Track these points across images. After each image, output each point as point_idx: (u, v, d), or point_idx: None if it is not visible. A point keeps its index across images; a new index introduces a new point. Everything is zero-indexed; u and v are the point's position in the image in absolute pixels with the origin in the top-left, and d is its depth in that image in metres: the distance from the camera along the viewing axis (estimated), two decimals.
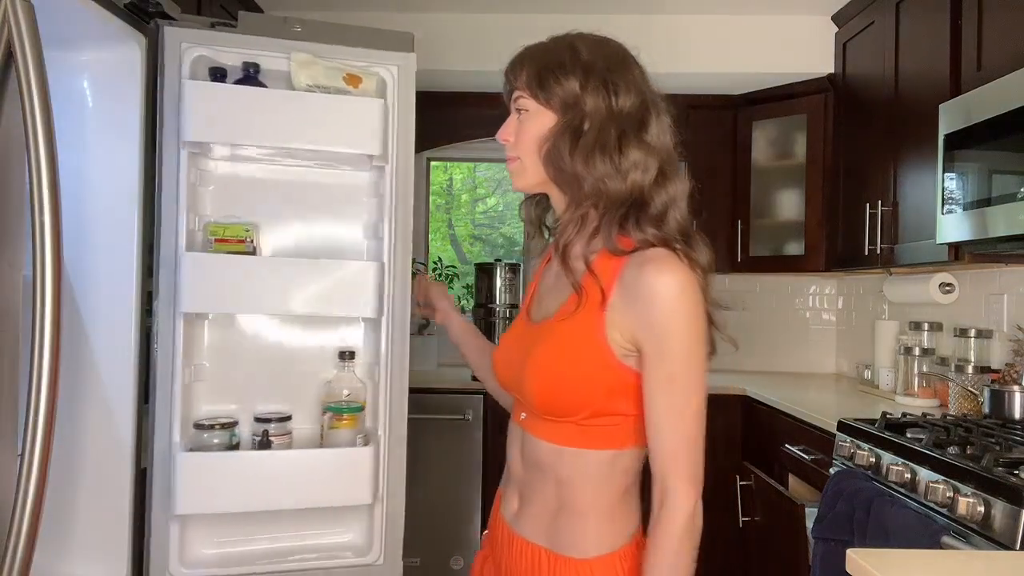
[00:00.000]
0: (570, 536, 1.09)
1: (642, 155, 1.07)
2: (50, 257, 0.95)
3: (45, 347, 0.95)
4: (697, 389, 1.07)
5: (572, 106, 1.08)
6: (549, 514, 1.11)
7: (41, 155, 0.94)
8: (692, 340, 1.04)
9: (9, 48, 0.93)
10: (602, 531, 1.10)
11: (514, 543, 1.15)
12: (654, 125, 1.11)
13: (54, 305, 0.95)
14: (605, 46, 1.17)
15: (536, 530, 1.12)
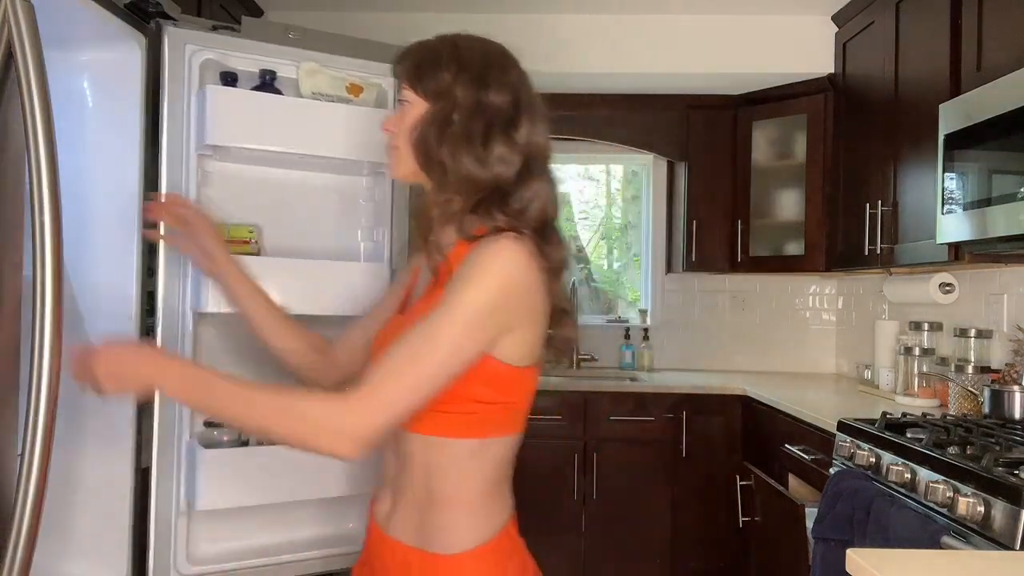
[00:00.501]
0: (439, 532, 1.09)
1: (507, 150, 1.10)
2: (50, 257, 0.95)
3: (45, 347, 0.95)
4: (448, 345, 1.01)
5: (444, 97, 1.11)
6: (418, 510, 1.11)
7: (41, 155, 0.94)
8: (476, 302, 1.02)
9: (9, 48, 0.93)
10: (470, 524, 1.10)
11: (385, 545, 1.15)
12: (524, 125, 1.13)
13: (54, 305, 0.95)
14: (487, 45, 1.19)
15: (406, 529, 1.12)
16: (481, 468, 1.11)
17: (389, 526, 1.15)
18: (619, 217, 4.36)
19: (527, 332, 1.07)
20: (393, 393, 1.00)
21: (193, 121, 1.69)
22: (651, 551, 3.22)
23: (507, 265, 1.03)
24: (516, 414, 1.13)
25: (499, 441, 1.12)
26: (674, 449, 3.22)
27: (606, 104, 3.65)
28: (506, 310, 1.04)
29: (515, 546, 1.15)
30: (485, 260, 1.03)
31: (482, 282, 1.02)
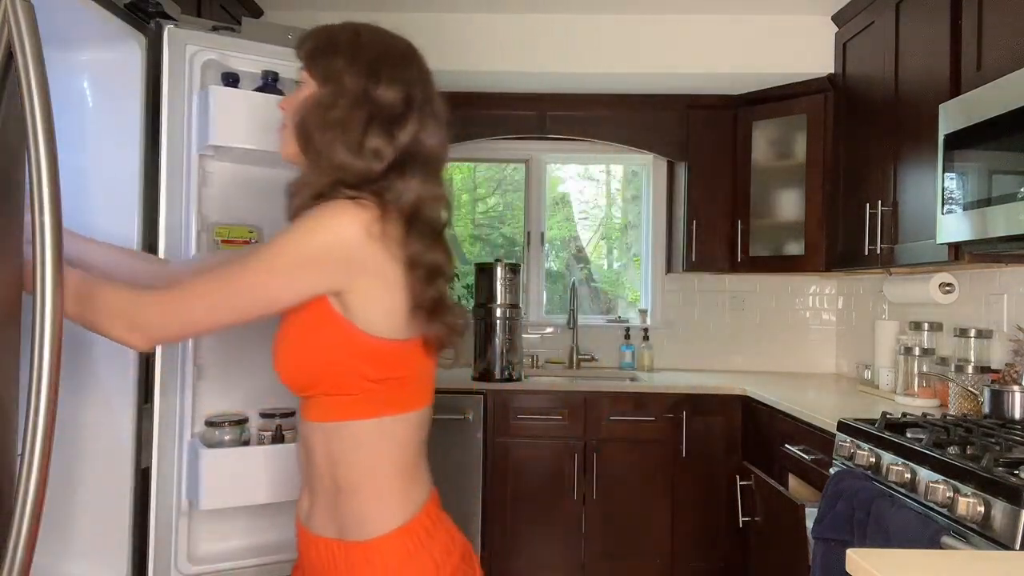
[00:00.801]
0: (352, 519, 1.10)
1: (383, 144, 1.10)
2: (50, 257, 0.95)
3: (45, 347, 0.95)
4: (254, 281, 1.05)
5: (332, 81, 1.12)
6: (330, 501, 1.12)
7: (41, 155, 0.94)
8: (291, 248, 1.05)
9: (9, 48, 0.93)
10: (382, 508, 1.10)
11: (310, 542, 1.15)
12: (411, 124, 1.12)
13: (54, 305, 0.94)
14: (390, 40, 1.17)
15: (324, 522, 1.13)
16: (384, 449, 1.10)
17: (310, 523, 1.15)
18: (619, 217, 4.37)
19: (380, 300, 1.07)
20: (192, 306, 1.05)
21: (194, 121, 1.69)
22: (651, 551, 3.23)
23: (333, 223, 1.04)
24: (410, 390, 1.13)
25: (398, 419, 1.11)
26: (674, 449, 3.22)
27: (606, 104, 3.65)
28: (327, 265, 1.04)
29: (437, 526, 1.14)
30: (313, 215, 1.05)
31: (303, 231, 1.05)
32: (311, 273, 1.05)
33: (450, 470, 3.21)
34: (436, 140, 1.15)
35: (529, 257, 4.07)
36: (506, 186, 4.33)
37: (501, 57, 3.30)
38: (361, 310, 1.06)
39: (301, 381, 1.11)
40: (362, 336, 1.06)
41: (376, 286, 1.07)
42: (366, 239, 1.05)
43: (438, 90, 1.18)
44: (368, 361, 1.07)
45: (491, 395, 3.25)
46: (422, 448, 1.17)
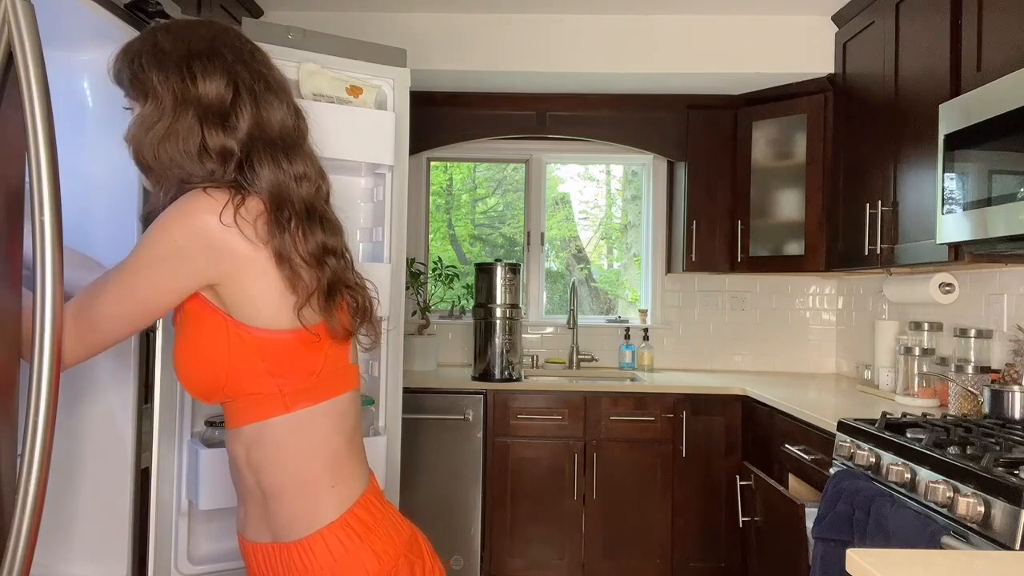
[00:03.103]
0: (286, 521, 1.07)
1: (225, 139, 1.07)
2: (50, 257, 0.95)
3: (45, 347, 0.95)
4: (124, 288, 1.02)
5: (150, 97, 1.08)
6: (260, 506, 1.09)
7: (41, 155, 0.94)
8: (152, 247, 1.02)
9: (9, 48, 0.93)
10: (310, 505, 1.07)
11: (248, 551, 1.13)
12: (246, 108, 1.08)
13: (54, 305, 0.94)
14: (191, 32, 1.11)
15: (258, 528, 1.11)
16: (304, 445, 1.07)
17: (246, 531, 1.14)
18: (619, 217, 4.37)
19: (253, 288, 1.04)
20: (77, 327, 1.01)
21: None
22: (651, 551, 3.23)
23: (186, 214, 1.01)
24: (318, 380, 1.08)
25: (314, 411, 1.08)
26: (674, 449, 3.22)
27: (606, 104, 3.65)
28: (188, 257, 1.01)
29: (376, 517, 1.11)
30: (171, 209, 1.02)
31: (159, 228, 1.01)
32: (174, 267, 1.01)
33: (450, 470, 3.22)
34: (280, 114, 1.11)
35: (529, 257, 4.06)
36: (506, 186, 4.33)
37: (501, 57, 3.30)
38: (237, 302, 1.03)
39: (201, 388, 1.07)
40: (247, 330, 1.03)
41: (246, 274, 1.03)
42: (221, 226, 1.01)
43: (264, 60, 1.14)
44: (260, 355, 1.04)
45: (491, 395, 3.25)
46: (353, 437, 1.13)
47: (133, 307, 1.02)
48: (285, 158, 1.10)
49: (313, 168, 1.14)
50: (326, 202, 1.15)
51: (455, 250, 4.26)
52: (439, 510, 3.19)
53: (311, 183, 1.12)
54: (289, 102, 1.14)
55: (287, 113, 1.13)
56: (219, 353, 1.04)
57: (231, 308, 1.04)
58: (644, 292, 4.10)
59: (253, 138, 1.08)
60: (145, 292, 1.02)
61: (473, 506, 3.22)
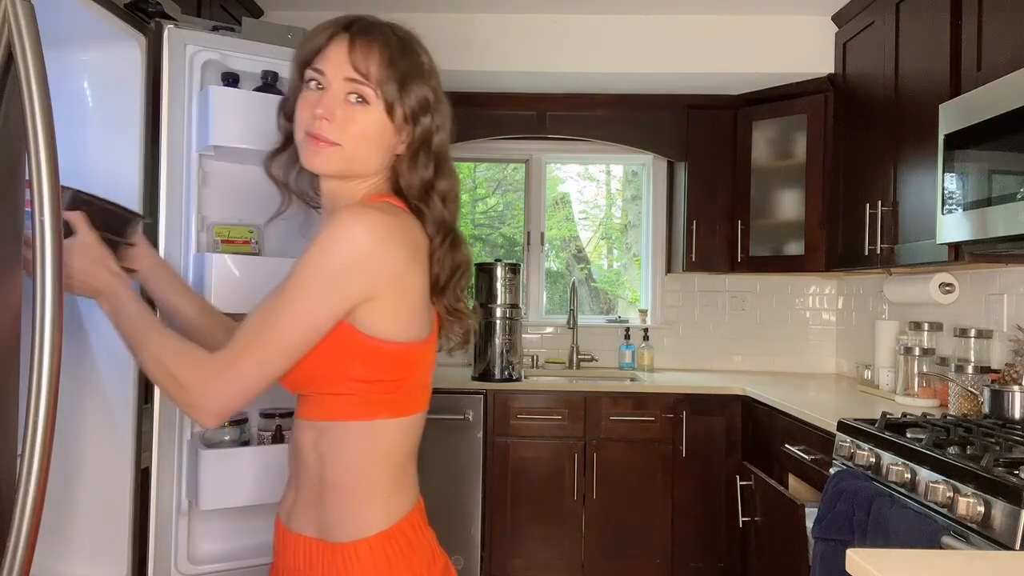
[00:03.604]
0: (335, 519, 1.07)
1: (429, 156, 1.13)
2: (50, 257, 0.95)
3: (45, 347, 0.95)
4: (295, 314, 1.00)
5: (422, 114, 1.10)
6: (315, 499, 1.09)
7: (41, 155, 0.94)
8: (323, 268, 1.00)
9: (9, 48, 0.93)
10: (366, 511, 1.07)
11: (288, 541, 1.13)
12: (439, 125, 1.15)
13: (54, 305, 0.94)
14: (422, 46, 1.18)
15: (305, 520, 1.10)
16: (373, 451, 1.08)
17: (291, 521, 1.13)
18: (619, 217, 4.37)
19: (394, 305, 1.04)
20: (244, 368, 1.00)
21: (195, 121, 1.70)
22: (651, 551, 3.23)
23: (361, 232, 1.00)
24: (406, 394, 1.09)
25: (391, 423, 1.08)
26: (674, 449, 3.22)
27: (606, 104, 3.65)
28: (358, 277, 1.00)
29: (419, 537, 1.11)
30: (338, 225, 1.00)
31: (331, 247, 1.00)
32: (343, 288, 1.00)
33: (450, 470, 3.22)
34: (447, 131, 1.17)
35: (529, 257, 4.07)
36: (506, 186, 4.33)
37: (501, 57, 3.30)
38: (365, 313, 1.03)
39: (294, 378, 1.07)
40: (359, 336, 1.03)
41: (392, 291, 1.04)
42: (391, 245, 1.02)
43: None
44: (361, 361, 1.04)
45: (491, 395, 3.25)
46: (412, 455, 1.14)
47: (309, 335, 1.01)
48: (451, 172, 1.17)
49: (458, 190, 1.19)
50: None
51: None
52: (439, 510, 3.19)
53: (456, 204, 1.17)
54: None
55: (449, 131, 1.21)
56: (321, 351, 1.04)
57: (352, 315, 1.03)
58: (644, 292, 4.10)
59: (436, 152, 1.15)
60: (319, 318, 1.01)
61: (473, 506, 3.22)
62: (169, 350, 1.04)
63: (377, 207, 1.05)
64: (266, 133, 1.71)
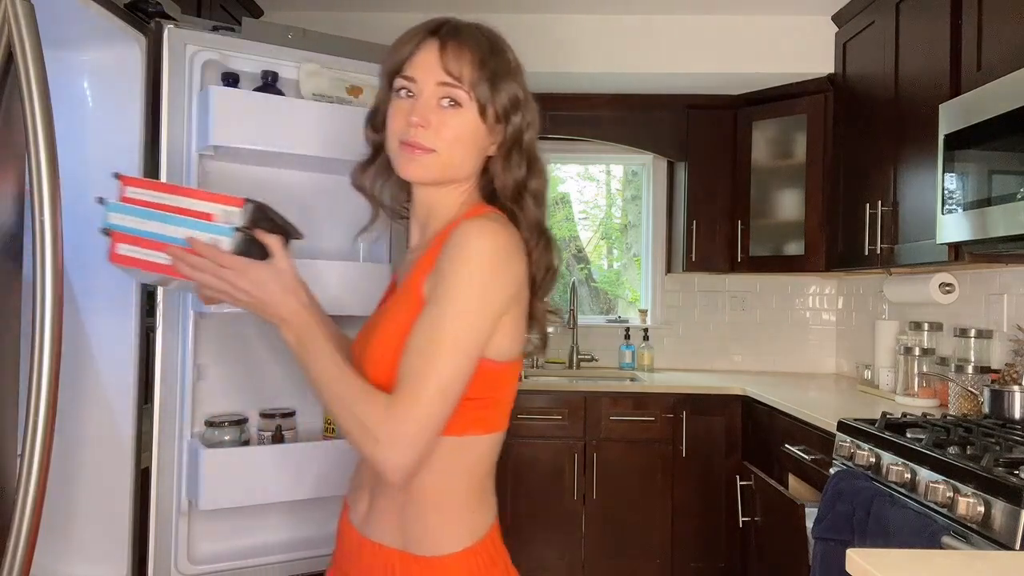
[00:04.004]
0: (421, 531, 1.05)
1: (522, 155, 1.11)
2: (50, 257, 0.95)
3: (45, 347, 0.95)
4: (458, 344, 0.98)
5: (513, 113, 1.08)
6: (400, 511, 1.06)
7: (41, 155, 0.94)
8: (477, 292, 0.99)
9: (9, 48, 0.93)
10: (455, 526, 1.06)
11: (364, 549, 1.10)
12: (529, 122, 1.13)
13: (54, 305, 0.95)
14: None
15: (386, 530, 1.08)
16: (463, 467, 1.07)
17: (367, 528, 1.10)
18: (619, 217, 4.37)
19: (514, 321, 1.04)
20: (428, 407, 0.97)
21: (195, 121, 1.70)
22: (651, 551, 3.23)
23: (491, 247, 1.00)
24: (499, 411, 1.09)
25: (482, 439, 1.08)
26: (674, 449, 3.22)
27: (606, 104, 3.65)
28: (498, 291, 1.00)
29: (499, 552, 1.12)
30: (469, 244, 0.99)
31: (471, 266, 0.98)
32: (492, 308, 1.00)
33: None
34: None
35: None
36: None
37: None
38: (496, 333, 1.03)
39: (391, 383, 1.03)
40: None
41: (516, 309, 1.04)
42: (518, 260, 1.03)
43: None
44: (472, 381, 1.02)
45: None
46: (492, 471, 1.13)
47: (471, 363, 1.00)
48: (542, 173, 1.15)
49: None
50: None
51: None
52: None
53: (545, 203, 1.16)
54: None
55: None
56: None
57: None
58: (644, 292, 4.10)
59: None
60: (478, 343, 1.00)
61: None
62: (356, 391, 0.99)
63: (490, 218, 1.04)
64: (266, 133, 1.71)
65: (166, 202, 1.02)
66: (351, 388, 0.99)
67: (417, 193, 1.13)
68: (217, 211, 1.01)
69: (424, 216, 1.14)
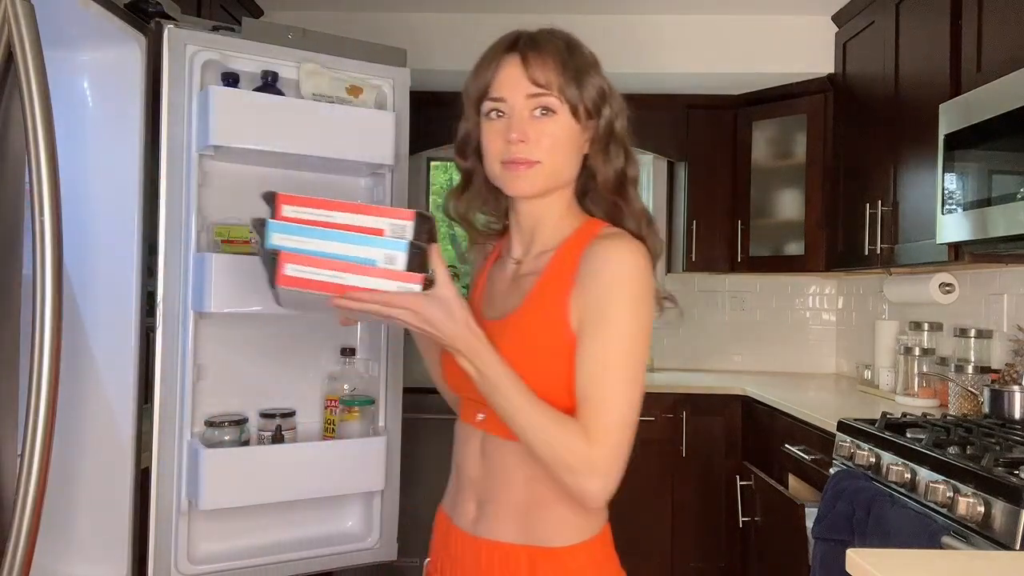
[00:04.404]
0: (549, 528, 1.07)
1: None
2: (50, 257, 0.95)
3: (45, 347, 0.95)
4: (638, 368, 1.03)
5: (602, 105, 1.11)
6: (520, 511, 1.08)
7: (41, 155, 0.94)
8: (642, 314, 1.04)
9: (9, 48, 0.93)
10: (579, 517, 1.09)
11: (481, 549, 1.09)
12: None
13: (54, 305, 0.95)
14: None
15: (506, 529, 1.08)
16: None
17: (480, 529, 1.10)
18: None
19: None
20: (620, 430, 1.00)
21: (195, 121, 1.70)
22: (651, 551, 3.22)
23: (636, 263, 1.05)
24: None
25: None
26: (674, 449, 3.22)
27: None
28: (649, 306, 1.06)
29: (612, 545, 1.15)
30: (619, 264, 1.04)
31: (628, 287, 1.03)
32: (648, 319, 1.05)
33: (449, 470, 3.21)
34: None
35: None
36: None
37: None
38: None
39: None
40: None
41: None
42: (649, 272, 1.08)
43: None
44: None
45: None
46: None
47: (642, 377, 1.03)
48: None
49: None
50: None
51: (455, 250, 4.26)
52: None
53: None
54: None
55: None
56: (564, 382, 1.04)
57: None
58: None
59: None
60: (644, 356, 1.04)
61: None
62: (548, 421, 0.99)
63: (622, 236, 1.08)
64: (266, 133, 1.71)
65: (329, 219, 0.98)
66: (543, 418, 0.99)
67: (523, 206, 1.14)
68: (387, 225, 0.97)
69: (531, 227, 1.15)
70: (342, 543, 1.90)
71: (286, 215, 0.99)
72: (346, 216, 0.98)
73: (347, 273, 0.95)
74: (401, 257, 0.96)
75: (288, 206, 0.98)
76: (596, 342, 1.01)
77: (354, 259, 0.96)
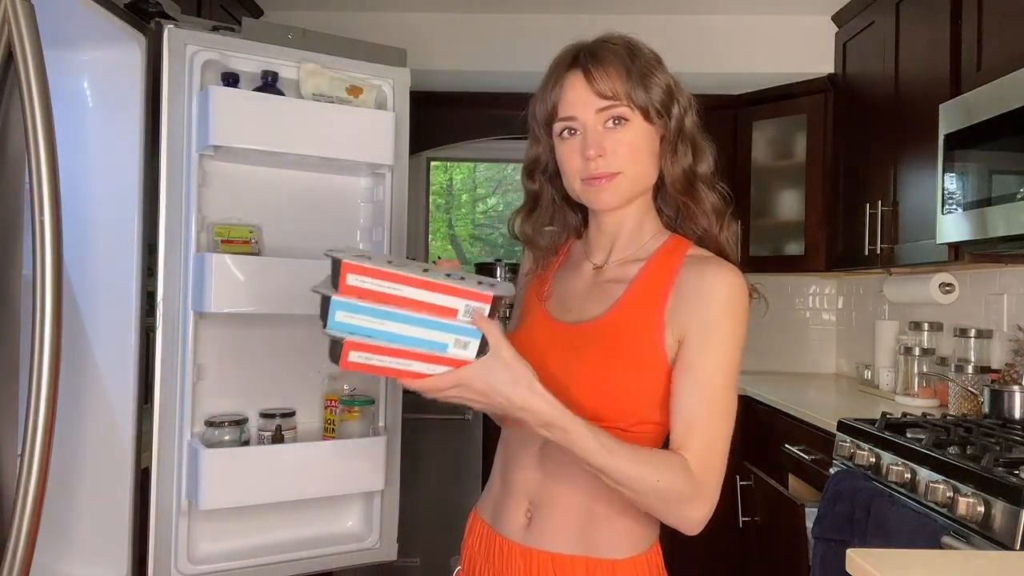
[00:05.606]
0: (608, 540, 1.06)
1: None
2: (50, 257, 0.95)
3: (45, 347, 0.95)
4: (734, 395, 1.07)
5: (670, 103, 1.12)
6: (577, 522, 1.06)
7: (41, 155, 0.94)
8: (740, 344, 1.09)
9: (9, 48, 0.93)
10: (634, 533, 1.07)
11: (533, 559, 1.07)
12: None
13: (54, 305, 0.95)
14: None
15: (561, 540, 1.06)
16: None
17: (534, 539, 1.08)
18: None
19: None
20: (721, 458, 1.01)
21: (195, 121, 1.70)
22: None
23: (744, 293, 1.11)
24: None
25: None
26: None
27: None
28: (744, 337, 1.10)
29: (661, 554, 1.14)
30: (733, 290, 1.08)
31: (740, 321, 1.10)
32: (743, 342, 1.11)
33: (450, 470, 3.22)
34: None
35: None
36: (506, 186, 4.33)
37: (501, 57, 3.29)
38: None
39: (607, 415, 1.02)
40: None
41: None
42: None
43: None
44: (665, 409, 1.04)
45: None
46: None
47: (736, 403, 1.06)
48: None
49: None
50: None
51: (455, 250, 4.26)
52: (439, 510, 3.19)
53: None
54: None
55: None
56: (650, 395, 1.05)
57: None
58: None
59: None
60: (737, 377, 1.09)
61: (472, 506, 3.22)
62: (645, 469, 0.96)
63: (729, 263, 1.11)
64: (266, 133, 1.72)
65: (397, 292, 0.89)
66: (639, 468, 0.96)
67: (606, 216, 1.14)
68: (462, 307, 0.90)
69: (614, 233, 1.15)
70: (342, 543, 1.90)
71: (350, 284, 0.90)
72: (416, 292, 0.90)
73: (414, 361, 0.89)
74: (474, 344, 0.90)
75: (353, 275, 0.90)
76: (704, 366, 1.03)
77: (423, 343, 0.89)
